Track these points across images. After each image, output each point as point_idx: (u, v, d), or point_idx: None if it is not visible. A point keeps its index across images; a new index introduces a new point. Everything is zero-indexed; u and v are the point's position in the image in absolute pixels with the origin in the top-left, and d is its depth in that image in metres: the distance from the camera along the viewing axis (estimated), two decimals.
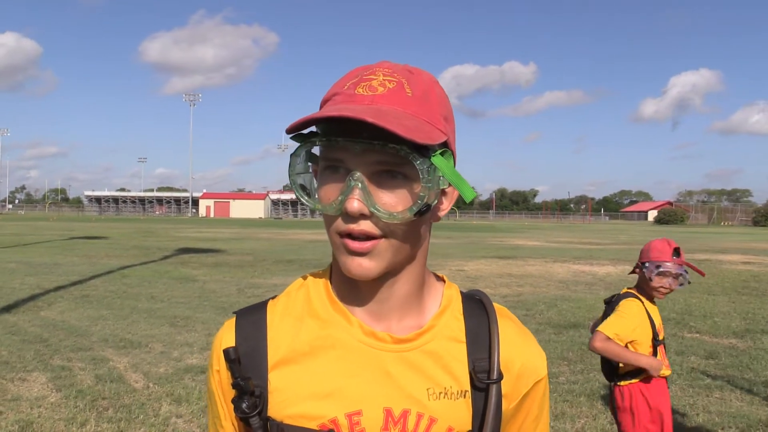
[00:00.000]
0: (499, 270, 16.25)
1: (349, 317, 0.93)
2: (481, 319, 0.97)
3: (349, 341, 0.92)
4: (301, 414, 0.89)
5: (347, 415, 0.89)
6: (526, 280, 14.19)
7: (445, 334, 0.94)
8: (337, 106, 0.85)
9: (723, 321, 9.20)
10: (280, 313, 0.97)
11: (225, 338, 0.96)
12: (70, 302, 9.99)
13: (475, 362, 0.93)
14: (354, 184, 0.82)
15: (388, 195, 0.84)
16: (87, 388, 5.51)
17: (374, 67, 0.90)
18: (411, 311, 0.94)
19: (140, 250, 21.25)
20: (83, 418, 4.79)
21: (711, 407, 5.30)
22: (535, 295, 11.66)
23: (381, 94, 0.85)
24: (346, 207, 0.82)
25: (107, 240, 27.41)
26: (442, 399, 0.91)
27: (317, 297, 0.96)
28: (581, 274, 15.57)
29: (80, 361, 6.43)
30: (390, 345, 0.92)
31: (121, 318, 8.78)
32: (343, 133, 0.81)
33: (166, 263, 16.82)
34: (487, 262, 18.76)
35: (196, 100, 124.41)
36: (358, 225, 0.83)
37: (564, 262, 18.99)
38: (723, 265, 18.56)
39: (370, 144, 0.81)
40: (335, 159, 0.84)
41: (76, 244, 23.73)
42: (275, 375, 0.92)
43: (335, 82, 0.91)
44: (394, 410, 0.90)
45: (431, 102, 0.88)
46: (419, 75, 0.90)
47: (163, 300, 10.46)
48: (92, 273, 14.01)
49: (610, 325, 3.01)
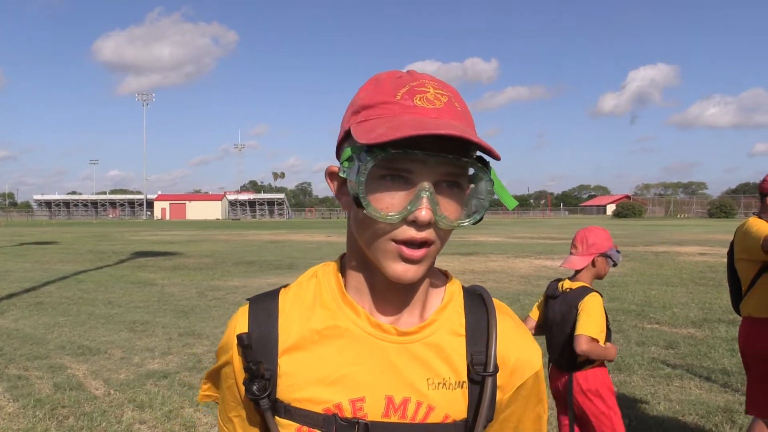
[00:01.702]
0: (461, 266, 16.41)
1: (357, 309, 0.98)
2: (481, 314, 1.03)
3: (356, 331, 0.97)
4: (307, 398, 0.95)
5: (351, 400, 0.95)
6: (489, 276, 14.37)
7: (447, 328, 1.00)
8: (409, 117, 0.86)
9: (681, 311, 9.47)
10: (291, 301, 1.02)
11: (239, 324, 1.01)
12: (23, 310, 9.79)
13: (473, 355, 0.99)
14: (424, 194, 0.86)
15: (448, 203, 0.89)
16: (45, 397, 5.42)
17: (415, 77, 0.92)
18: (416, 305, 1.00)
19: (95, 255, 20.89)
20: (43, 428, 4.72)
21: (671, 395, 5.46)
22: (498, 291, 11.81)
23: (440, 108, 0.88)
24: (416, 216, 0.86)
25: (59, 245, 26.85)
26: (440, 389, 0.97)
27: (328, 288, 1.01)
28: (543, 269, 15.81)
29: (37, 369, 6.32)
30: (394, 337, 0.97)
31: (78, 324, 8.64)
32: (417, 145, 0.84)
33: (122, 267, 16.58)
34: (449, 258, 18.90)
35: (149, 99, 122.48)
36: (422, 233, 0.88)
37: (526, 258, 19.24)
38: (680, 256, 19.04)
39: (445, 157, 0.85)
40: (403, 170, 0.87)
41: (27, 250, 23.20)
42: (285, 360, 0.97)
43: (370, 88, 0.93)
44: (395, 398, 0.95)
45: (470, 116, 0.94)
46: (453, 88, 0.95)
47: (121, 305, 10.32)
48: (46, 279, 13.74)
49: (590, 326, 3.06)
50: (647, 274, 14.17)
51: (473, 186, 0.94)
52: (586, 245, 3.29)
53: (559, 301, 3.27)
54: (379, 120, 0.88)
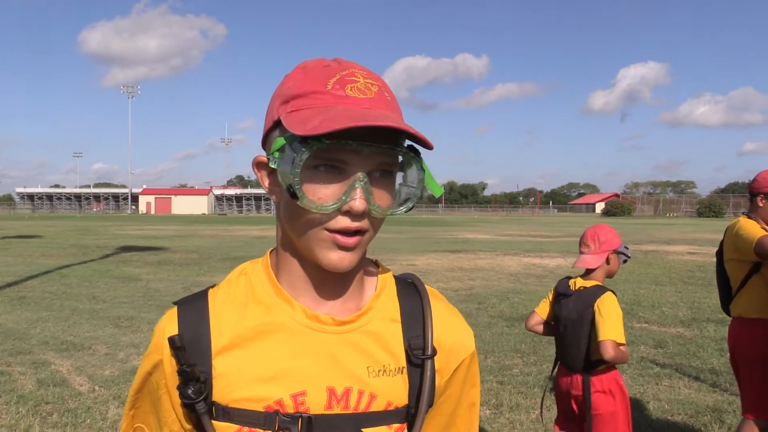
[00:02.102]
0: (450, 264, 16.44)
1: (292, 302, 0.97)
2: (415, 300, 1.04)
3: (293, 325, 0.96)
4: (246, 397, 0.93)
5: (292, 395, 0.94)
6: (478, 273, 14.40)
7: (383, 315, 1.01)
8: (343, 108, 0.86)
9: (670, 310, 9.54)
10: (222, 300, 1.00)
11: (168, 327, 0.99)
12: (5, 304, 9.72)
13: (411, 340, 1.00)
14: (359, 184, 0.86)
15: (381, 193, 0.90)
16: (29, 393, 5.39)
17: (343, 65, 0.92)
18: (351, 295, 1.00)
19: (79, 249, 20.75)
20: (26, 424, 4.69)
21: (660, 395, 5.50)
22: (487, 289, 11.85)
23: (372, 97, 0.89)
24: (351, 206, 0.86)
25: (42, 239, 26.66)
26: (381, 376, 0.97)
27: (259, 284, 1.00)
28: (532, 267, 15.87)
29: (20, 365, 6.28)
30: (332, 327, 0.97)
31: (62, 319, 8.59)
32: (351, 135, 0.84)
33: (106, 262, 16.48)
34: (438, 256, 18.93)
35: (134, 92, 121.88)
36: (356, 223, 0.88)
37: (515, 255, 19.31)
38: (669, 255, 19.18)
39: (380, 147, 0.86)
40: (337, 159, 0.87)
41: (9, 244, 23.02)
42: (219, 361, 0.95)
43: (299, 77, 0.92)
44: (337, 389, 0.95)
45: (397, 105, 0.95)
46: (380, 78, 0.95)
47: (106, 300, 10.26)
48: (28, 273, 13.64)
49: (614, 330, 3.04)
50: (636, 273, 14.25)
51: (403, 174, 0.95)
52: (598, 243, 3.28)
53: (573, 300, 3.23)
54: (311, 110, 0.87)
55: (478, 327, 8.30)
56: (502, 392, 5.52)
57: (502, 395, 5.44)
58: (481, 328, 8.26)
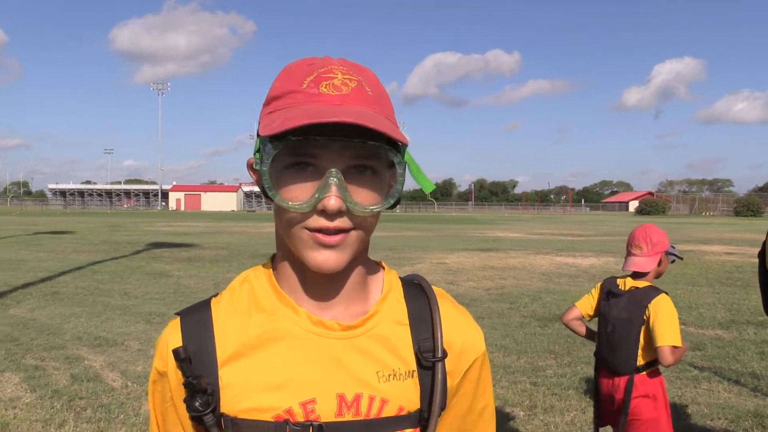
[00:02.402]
0: (481, 263, 16.36)
1: (297, 308, 0.96)
2: (422, 301, 1.03)
3: (298, 332, 0.95)
4: (254, 407, 0.92)
5: (301, 404, 0.93)
6: (509, 272, 14.32)
7: (390, 318, 0.99)
8: (308, 106, 0.86)
9: (708, 312, 9.38)
10: (225, 309, 0.99)
11: (171, 339, 0.98)
12: (39, 299, 9.89)
13: (420, 342, 0.99)
14: (332, 181, 0.85)
15: (361, 190, 0.88)
16: (63, 388, 5.48)
17: (325, 63, 0.92)
18: (356, 298, 0.99)
19: (110, 245, 21.05)
20: (61, 419, 4.77)
21: (699, 399, 5.41)
22: (519, 288, 11.77)
23: (347, 94, 0.88)
24: (325, 204, 0.85)
25: (74, 235, 27.10)
26: (391, 380, 0.96)
27: (262, 291, 0.99)
28: (564, 266, 15.73)
29: (54, 360, 6.39)
30: (338, 332, 0.96)
31: (95, 315, 8.72)
32: (320, 132, 0.84)
33: (137, 258, 16.70)
34: (468, 254, 18.86)
35: (164, 89, 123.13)
36: (334, 221, 0.87)
37: (546, 254, 19.15)
38: (706, 255, 18.85)
39: (349, 142, 0.84)
40: (308, 155, 0.86)
41: (41, 240, 23.43)
42: (226, 371, 0.94)
43: (282, 78, 0.93)
44: (347, 395, 0.94)
45: (384, 100, 0.93)
46: (367, 72, 0.95)
47: (137, 296, 10.40)
48: (61, 269, 13.87)
49: (671, 335, 3.01)
50: (672, 274, 14.03)
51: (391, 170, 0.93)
52: (651, 244, 3.20)
53: (624, 300, 3.18)
54: (282, 111, 0.88)
55: (510, 327, 8.25)
56: (536, 394, 5.48)
57: (536, 397, 5.40)
58: (513, 328, 8.21)
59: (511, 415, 4.99)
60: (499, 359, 6.64)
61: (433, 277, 13.32)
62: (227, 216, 66.92)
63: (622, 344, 3.14)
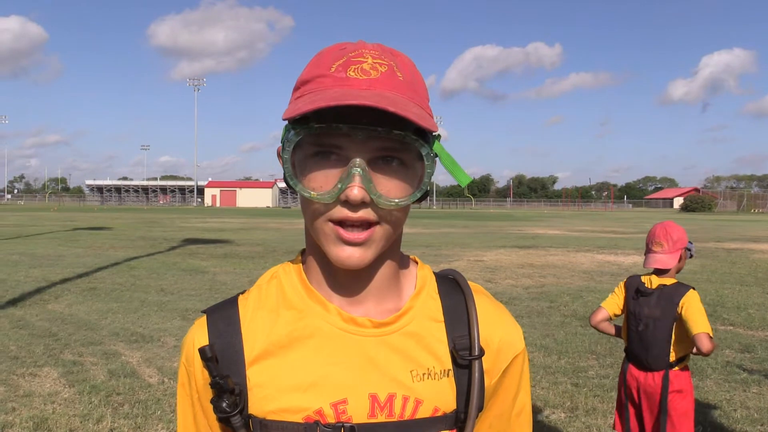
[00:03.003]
0: (520, 260, 16.24)
1: (327, 305, 0.94)
2: (457, 297, 1.00)
3: (329, 329, 0.93)
4: (284, 408, 0.90)
5: (332, 404, 0.90)
6: (549, 270, 14.19)
7: (424, 315, 0.96)
8: (333, 90, 0.84)
9: (758, 313, 9.17)
10: (253, 306, 0.97)
11: (198, 338, 0.96)
12: (77, 295, 10.10)
13: (456, 340, 0.95)
14: (355, 171, 0.82)
15: (387, 181, 0.86)
16: (100, 384, 5.57)
17: (357, 47, 0.89)
18: (389, 294, 0.96)
19: (146, 241, 21.40)
20: (99, 414, 4.86)
21: (749, 402, 5.29)
22: (559, 287, 11.66)
23: (376, 78, 0.85)
24: (347, 195, 0.82)
25: (111, 231, 27.61)
26: (426, 380, 0.93)
27: (291, 287, 0.97)
28: (606, 264, 15.53)
29: (92, 355, 6.51)
30: (370, 330, 0.93)
31: (131, 311, 8.87)
32: (344, 119, 0.82)
33: (173, 254, 16.94)
34: (507, 251, 18.74)
35: (200, 84, 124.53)
36: (357, 212, 0.84)
37: (587, 252, 18.94)
38: (755, 254, 18.46)
39: (375, 131, 0.81)
40: (331, 145, 0.84)
41: (79, 235, 23.91)
42: (254, 371, 0.92)
43: (312, 62, 0.90)
44: (380, 395, 0.91)
45: (418, 86, 0.90)
46: (402, 57, 0.92)
47: (173, 292, 10.55)
48: (98, 265, 14.13)
49: (705, 324, 3.13)
50: (719, 273, 13.78)
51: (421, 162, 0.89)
52: (672, 241, 3.31)
53: (655, 297, 3.28)
54: (309, 95, 0.85)
55: (550, 326, 8.17)
56: (578, 395, 5.41)
57: (578, 398, 5.33)
58: (553, 327, 8.13)
59: (552, 417, 4.94)
60: (539, 359, 6.58)
61: (471, 274, 13.25)
62: (262, 212, 67.50)
63: (656, 341, 3.24)
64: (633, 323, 3.34)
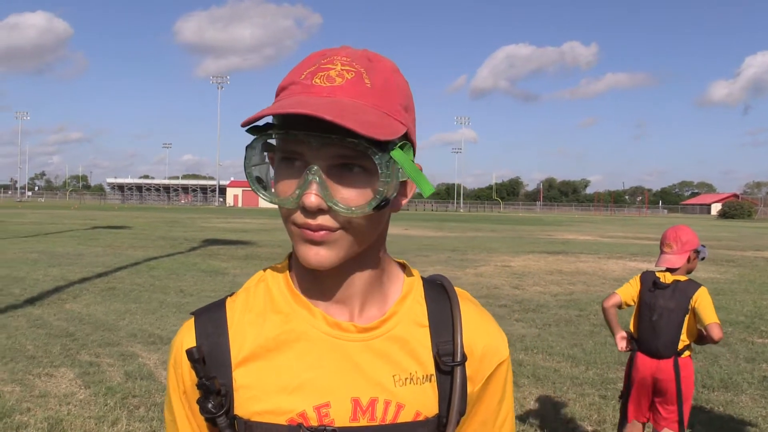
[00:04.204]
0: (549, 266, 16.15)
1: (312, 309, 0.97)
2: (443, 303, 1.03)
3: (314, 333, 0.96)
4: (268, 410, 0.93)
5: (315, 407, 0.93)
6: (579, 277, 14.08)
7: (409, 320, 0.99)
8: (294, 98, 0.87)
9: None
10: (240, 309, 1.00)
11: (185, 339, 0.99)
12: (95, 295, 10.23)
13: (439, 345, 0.98)
14: (311, 178, 0.85)
15: (346, 189, 0.87)
16: (117, 385, 5.64)
17: (333, 54, 0.92)
18: (373, 299, 0.99)
19: (166, 241, 21.61)
20: (114, 417, 4.91)
21: None
22: (589, 294, 11.56)
23: (339, 85, 0.87)
24: (303, 202, 0.85)
25: (131, 230, 27.91)
26: (408, 384, 0.96)
27: (278, 291, 1.00)
28: (638, 272, 15.30)
29: (108, 356, 6.59)
30: (354, 334, 0.96)
31: (150, 312, 8.96)
32: (301, 126, 0.84)
33: (193, 255, 17.09)
34: (535, 257, 18.64)
35: (224, 82, 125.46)
36: (315, 219, 0.87)
37: (619, 259, 18.78)
38: None
39: (328, 138, 0.83)
40: (292, 151, 0.87)
41: (99, 234, 24.20)
42: (240, 372, 0.95)
43: (293, 68, 0.93)
44: (362, 399, 0.94)
45: (390, 92, 0.91)
46: (379, 63, 0.93)
47: (193, 294, 10.63)
48: (117, 264, 14.30)
49: (715, 314, 3.58)
50: (758, 283, 13.58)
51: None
52: (680, 243, 3.74)
53: (670, 291, 3.67)
54: (276, 102, 0.89)
55: (579, 335, 8.11)
56: (605, 408, 5.36)
57: (605, 411, 5.28)
58: (582, 336, 8.06)
59: (578, 430, 4.90)
60: (567, 370, 6.53)
61: (498, 280, 13.20)
62: None
63: (668, 330, 3.63)
64: (646, 314, 3.73)
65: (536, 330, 8.46)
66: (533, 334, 8.17)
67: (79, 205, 78.52)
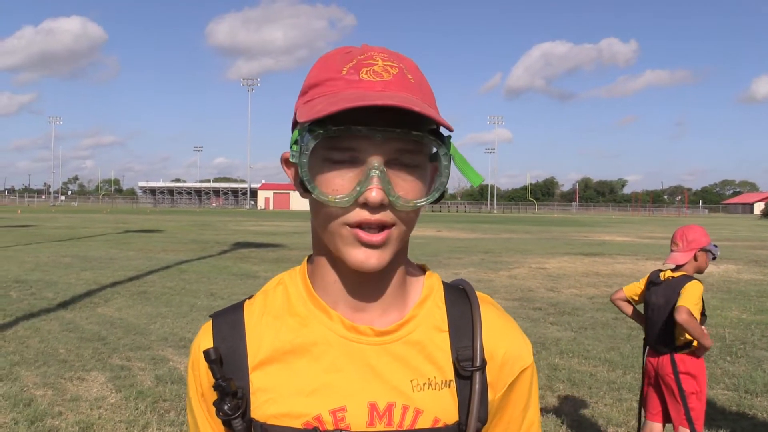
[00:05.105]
0: (585, 268, 15.99)
1: (330, 312, 0.96)
2: (464, 307, 1.02)
3: (331, 337, 0.96)
4: (284, 413, 0.93)
5: (331, 411, 0.93)
6: (615, 279, 13.91)
7: (428, 324, 0.99)
8: (348, 92, 0.86)
9: None
10: (258, 312, 1.00)
11: (203, 341, 1.00)
12: (127, 298, 10.37)
13: (459, 351, 0.97)
14: (374, 173, 0.85)
15: (404, 183, 0.88)
16: (147, 390, 5.70)
17: (364, 51, 0.92)
18: (393, 302, 0.98)
19: (198, 245, 21.84)
20: (144, 421, 4.97)
21: None
22: None
23: (389, 80, 0.88)
24: (366, 197, 0.84)
25: (163, 233, 28.27)
26: (426, 390, 0.95)
27: (296, 294, 1.00)
28: None
29: (139, 360, 6.67)
30: (372, 338, 0.96)
31: (181, 316, 9.06)
32: (359, 121, 0.83)
33: (224, 258, 17.24)
34: (571, 259, 18.47)
35: (254, 84, 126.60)
36: (375, 215, 0.86)
37: (658, 260, 18.49)
38: None
39: (393, 132, 0.84)
40: (348, 148, 0.86)
41: (131, 238, 24.56)
42: (257, 375, 0.96)
43: (319, 66, 0.93)
44: (379, 404, 0.94)
45: (426, 88, 0.93)
46: (408, 60, 0.95)
47: (223, 297, 10.72)
48: (149, 268, 14.48)
49: (688, 301, 3.60)
50: None
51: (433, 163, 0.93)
52: (686, 242, 3.84)
53: (662, 288, 3.83)
54: (322, 98, 0.88)
55: (616, 339, 8.01)
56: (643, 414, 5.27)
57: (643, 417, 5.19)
58: (619, 340, 7.96)
59: None
60: (603, 374, 6.45)
61: (533, 282, 13.11)
62: None
63: (661, 325, 3.78)
64: (647, 311, 3.94)
65: (572, 333, 8.37)
66: (569, 338, 8.09)
67: (111, 209, 79.74)
